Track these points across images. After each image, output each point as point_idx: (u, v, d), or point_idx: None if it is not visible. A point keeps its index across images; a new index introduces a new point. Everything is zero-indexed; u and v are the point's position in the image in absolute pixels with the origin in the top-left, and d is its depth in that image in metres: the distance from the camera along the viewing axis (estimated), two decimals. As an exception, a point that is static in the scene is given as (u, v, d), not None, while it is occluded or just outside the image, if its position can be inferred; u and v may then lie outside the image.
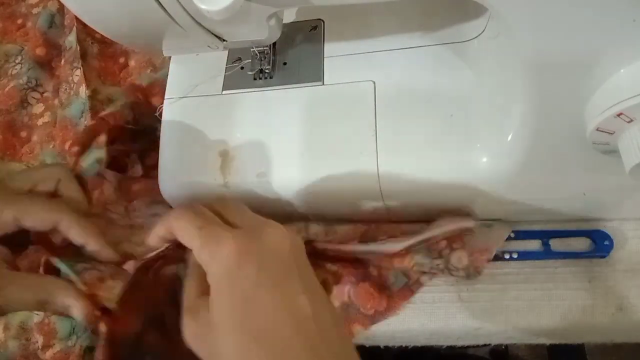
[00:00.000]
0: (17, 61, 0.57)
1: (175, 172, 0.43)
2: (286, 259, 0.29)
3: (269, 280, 0.28)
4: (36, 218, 0.35)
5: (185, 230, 0.30)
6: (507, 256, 0.42)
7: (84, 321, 0.33)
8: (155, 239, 0.33)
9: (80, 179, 0.42)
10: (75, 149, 0.45)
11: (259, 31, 0.35)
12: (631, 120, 0.28)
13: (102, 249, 0.37)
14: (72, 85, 0.50)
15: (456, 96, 0.39)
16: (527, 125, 0.35)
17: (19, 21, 0.60)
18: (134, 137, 0.49)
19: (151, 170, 0.48)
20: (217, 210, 0.32)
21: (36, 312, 0.43)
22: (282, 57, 0.45)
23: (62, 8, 0.57)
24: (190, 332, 0.29)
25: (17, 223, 0.35)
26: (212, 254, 0.28)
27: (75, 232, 0.36)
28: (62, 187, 0.39)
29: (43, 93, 0.55)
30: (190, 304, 0.30)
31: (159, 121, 0.44)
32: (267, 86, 0.44)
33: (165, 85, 0.45)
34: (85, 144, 0.45)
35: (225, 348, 0.27)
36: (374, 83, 0.41)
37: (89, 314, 0.33)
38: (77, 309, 0.33)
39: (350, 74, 0.42)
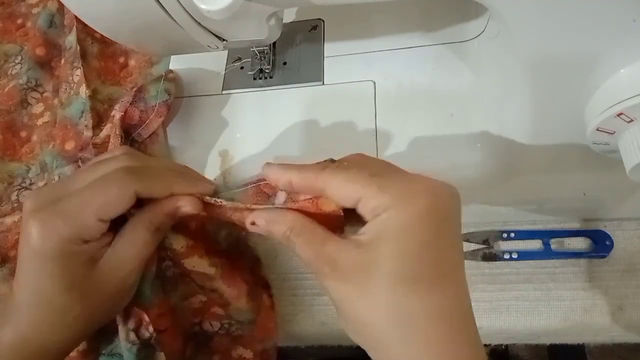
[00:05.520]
0: (17, 61, 0.57)
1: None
2: (459, 223, 0.28)
3: (445, 240, 0.27)
4: (113, 200, 0.31)
5: (353, 180, 0.28)
6: (507, 256, 0.42)
7: None
8: (282, 176, 0.30)
9: None
10: None
11: (259, 31, 0.35)
12: (631, 120, 0.28)
13: (195, 183, 0.33)
14: (72, 85, 0.50)
15: (456, 96, 0.39)
16: (527, 125, 0.35)
17: (19, 21, 0.60)
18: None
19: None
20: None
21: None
22: (282, 57, 0.45)
23: (62, 8, 0.57)
24: (331, 279, 0.27)
25: (101, 219, 0.31)
26: (397, 198, 0.26)
27: (160, 187, 0.32)
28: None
29: (43, 93, 0.55)
30: (320, 253, 0.28)
31: None
32: (267, 86, 0.44)
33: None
34: None
35: (383, 296, 0.26)
36: (374, 83, 0.41)
37: None
38: None
39: (350, 74, 0.42)
